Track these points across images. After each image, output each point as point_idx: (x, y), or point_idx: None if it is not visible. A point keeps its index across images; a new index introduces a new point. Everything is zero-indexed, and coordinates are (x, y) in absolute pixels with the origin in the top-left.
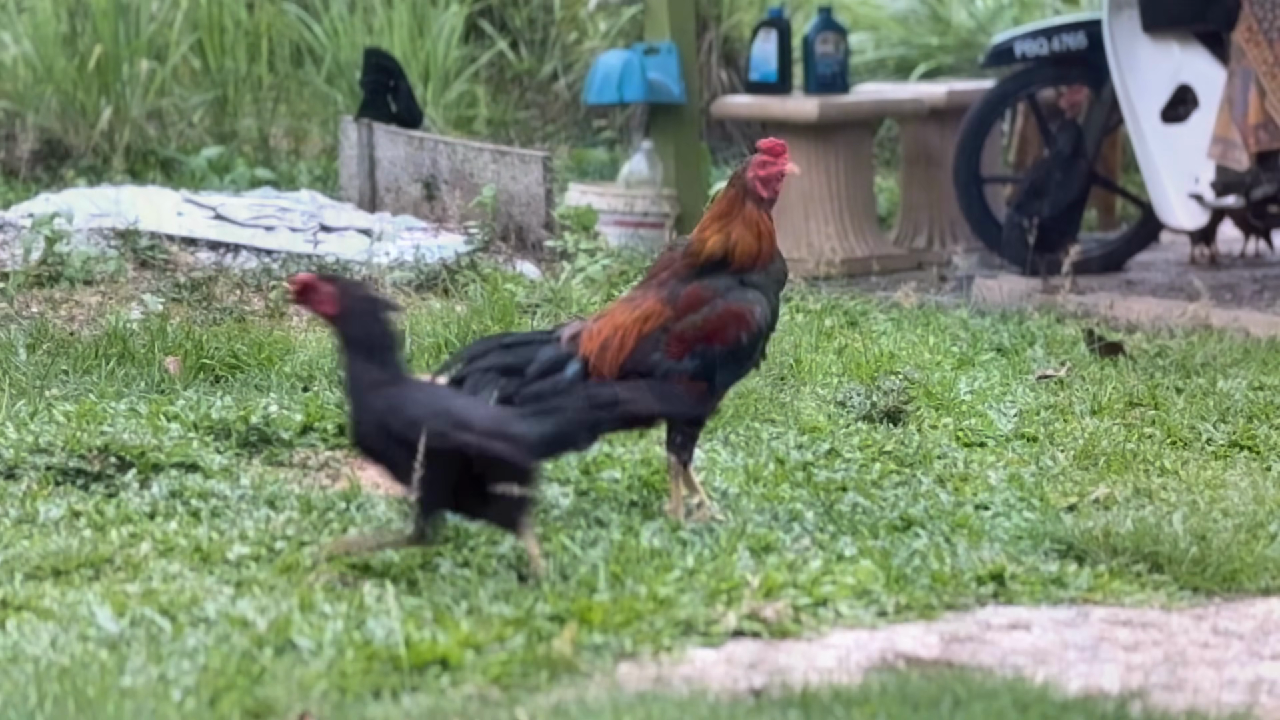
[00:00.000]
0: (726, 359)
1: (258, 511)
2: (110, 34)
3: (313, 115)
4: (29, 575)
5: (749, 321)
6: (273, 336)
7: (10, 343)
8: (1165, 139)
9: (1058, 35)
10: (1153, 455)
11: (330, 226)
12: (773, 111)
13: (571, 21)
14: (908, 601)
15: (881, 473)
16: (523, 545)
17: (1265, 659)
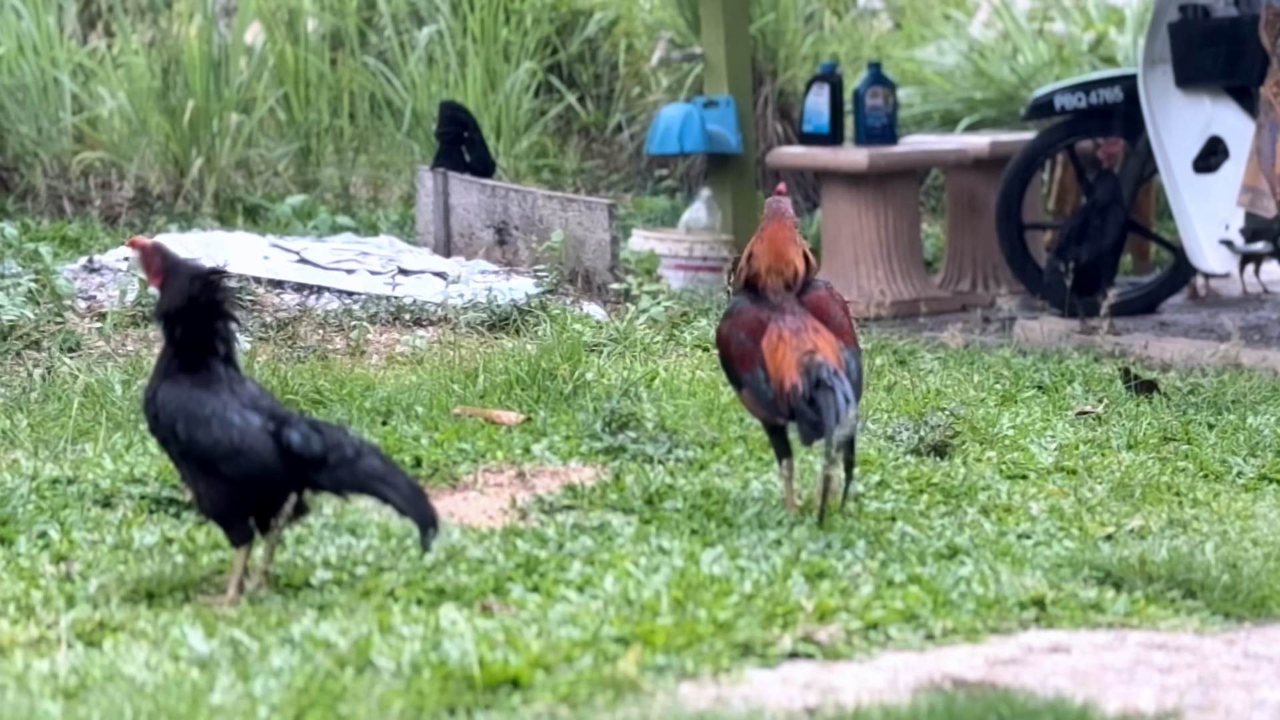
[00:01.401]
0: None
1: (339, 539)
2: (201, 89)
3: (391, 165)
4: (125, 598)
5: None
6: (353, 374)
7: (107, 379)
8: (1197, 188)
9: (1095, 90)
10: (1186, 488)
11: (408, 270)
12: (825, 161)
13: (635, 77)
14: (954, 625)
15: (929, 503)
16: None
17: None
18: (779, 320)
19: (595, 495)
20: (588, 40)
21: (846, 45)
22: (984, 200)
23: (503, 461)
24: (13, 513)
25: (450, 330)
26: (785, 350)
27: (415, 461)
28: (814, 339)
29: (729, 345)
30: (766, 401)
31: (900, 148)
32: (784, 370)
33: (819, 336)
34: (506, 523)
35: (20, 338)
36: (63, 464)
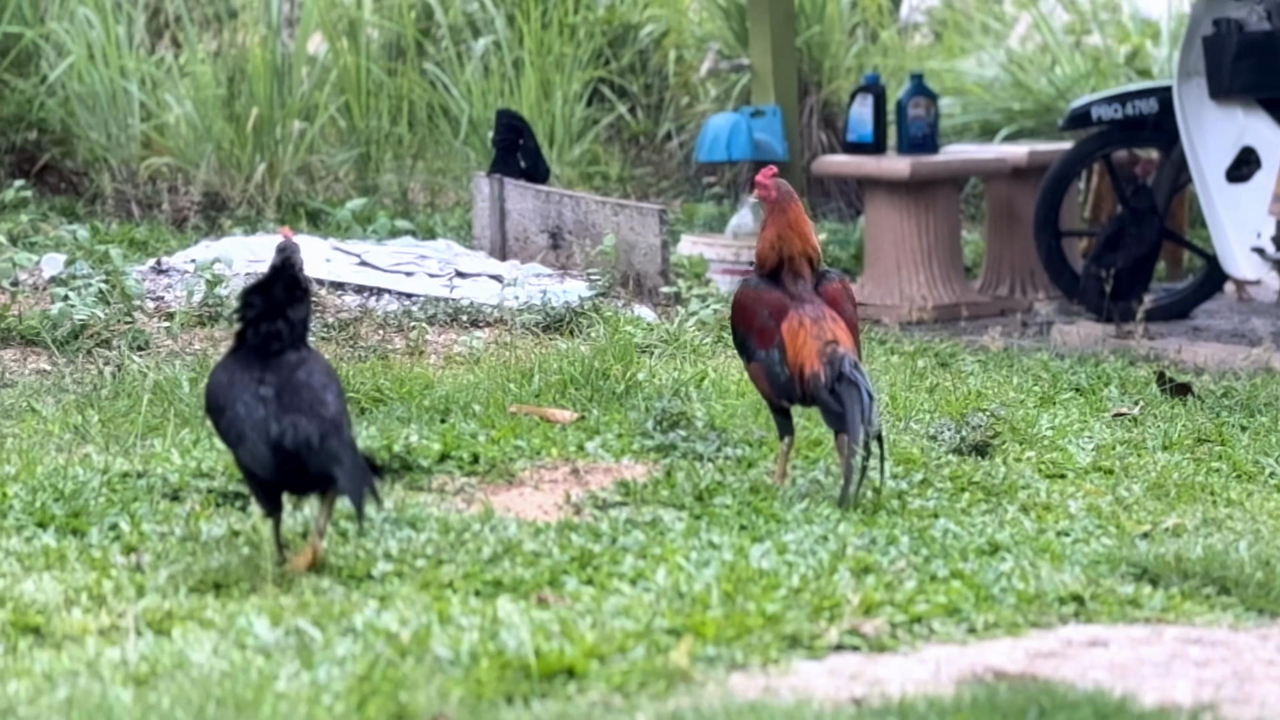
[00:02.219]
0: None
1: (400, 532)
2: (265, 97)
3: (448, 171)
4: (192, 589)
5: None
6: (413, 373)
7: (175, 377)
8: (1229, 197)
9: (1131, 101)
10: (1220, 487)
11: (465, 273)
12: (868, 170)
13: (684, 87)
14: (995, 619)
15: (970, 501)
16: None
17: None
18: (800, 307)
19: (647, 491)
20: (638, 52)
21: (889, 57)
22: (1022, 208)
23: (557, 458)
24: (85, 505)
25: (506, 331)
26: (806, 337)
27: (473, 458)
28: (834, 329)
29: (751, 318)
30: (779, 383)
31: (941, 157)
32: (804, 357)
33: (838, 327)
34: (561, 518)
35: (91, 336)
36: (132, 458)
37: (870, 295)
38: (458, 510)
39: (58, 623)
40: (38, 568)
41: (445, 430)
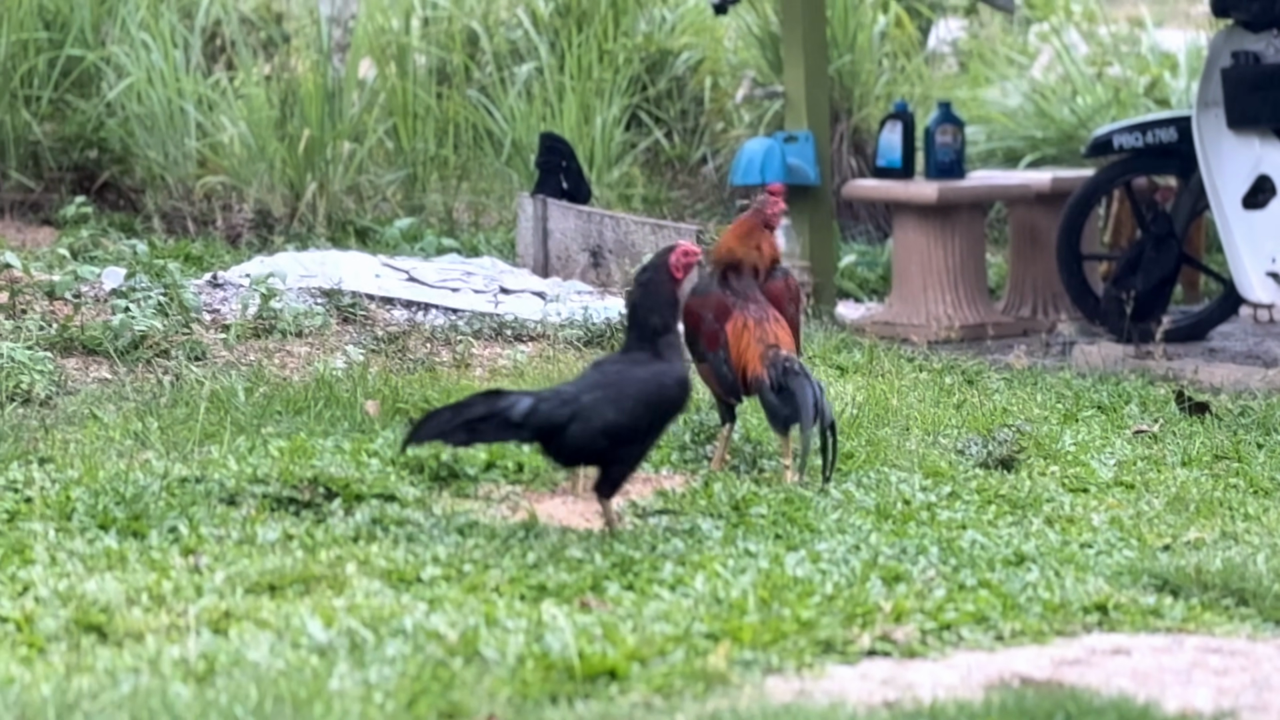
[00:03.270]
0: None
1: (448, 538)
2: (316, 119)
3: (491, 192)
4: (248, 590)
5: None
6: (459, 385)
7: (231, 386)
8: (1246, 223)
9: (1151, 130)
10: (1237, 503)
11: (509, 289)
12: (897, 194)
13: (719, 113)
14: (1022, 628)
15: (997, 513)
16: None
17: None
18: (744, 308)
19: (686, 501)
20: (675, 78)
21: (917, 86)
22: (1045, 232)
23: None
24: (145, 508)
25: (549, 345)
26: (749, 339)
27: (518, 467)
28: (775, 330)
29: (698, 324)
30: (726, 383)
31: (967, 182)
32: (746, 359)
33: (779, 327)
34: (603, 525)
35: (150, 347)
36: (191, 464)
37: (898, 315)
38: (503, 517)
39: (119, 621)
40: (100, 568)
41: None
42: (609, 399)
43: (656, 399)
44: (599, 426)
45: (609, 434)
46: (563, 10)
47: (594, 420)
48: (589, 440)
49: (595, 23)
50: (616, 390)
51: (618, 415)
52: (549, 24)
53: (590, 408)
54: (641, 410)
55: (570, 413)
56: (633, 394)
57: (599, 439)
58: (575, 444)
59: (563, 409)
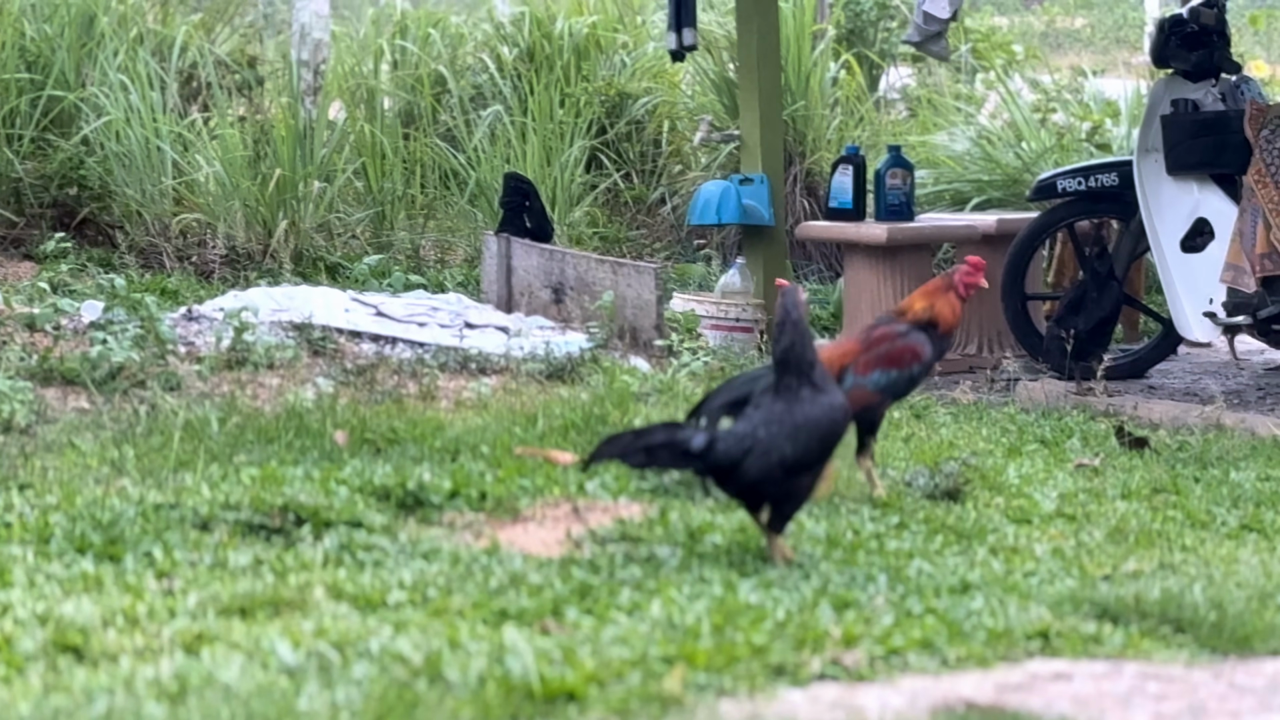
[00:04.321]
0: (899, 380)
1: (413, 563)
2: (288, 159)
3: (457, 230)
4: (220, 613)
5: (920, 354)
6: (425, 416)
7: (205, 416)
8: (1184, 265)
9: (1094, 174)
10: (1175, 534)
11: (473, 324)
12: (848, 235)
13: (677, 155)
14: (967, 654)
15: (943, 543)
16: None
17: (1275, 710)
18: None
19: (643, 529)
20: (635, 121)
21: (868, 131)
22: (991, 272)
23: (559, 497)
24: (121, 534)
25: (512, 379)
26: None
27: (481, 495)
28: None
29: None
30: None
31: (916, 224)
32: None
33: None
34: (563, 552)
35: (127, 378)
36: (165, 491)
37: None
38: (467, 544)
39: (95, 642)
40: (77, 591)
41: (455, 469)
42: (784, 433)
43: (828, 430)
44: (775, 460)
45: (785, 466)
46: (526, 56)
47: (771, 454)
48: (766, 473)
49: (557, 67)
50: (791, 424)
51: (794, 449)
52: (512, 68)
53: (767, 442)
54: (815, 443)
55: (747, 447)
56: (806, 426)
57: (775, 471)
58: (751, 477)
59: (739, 444)
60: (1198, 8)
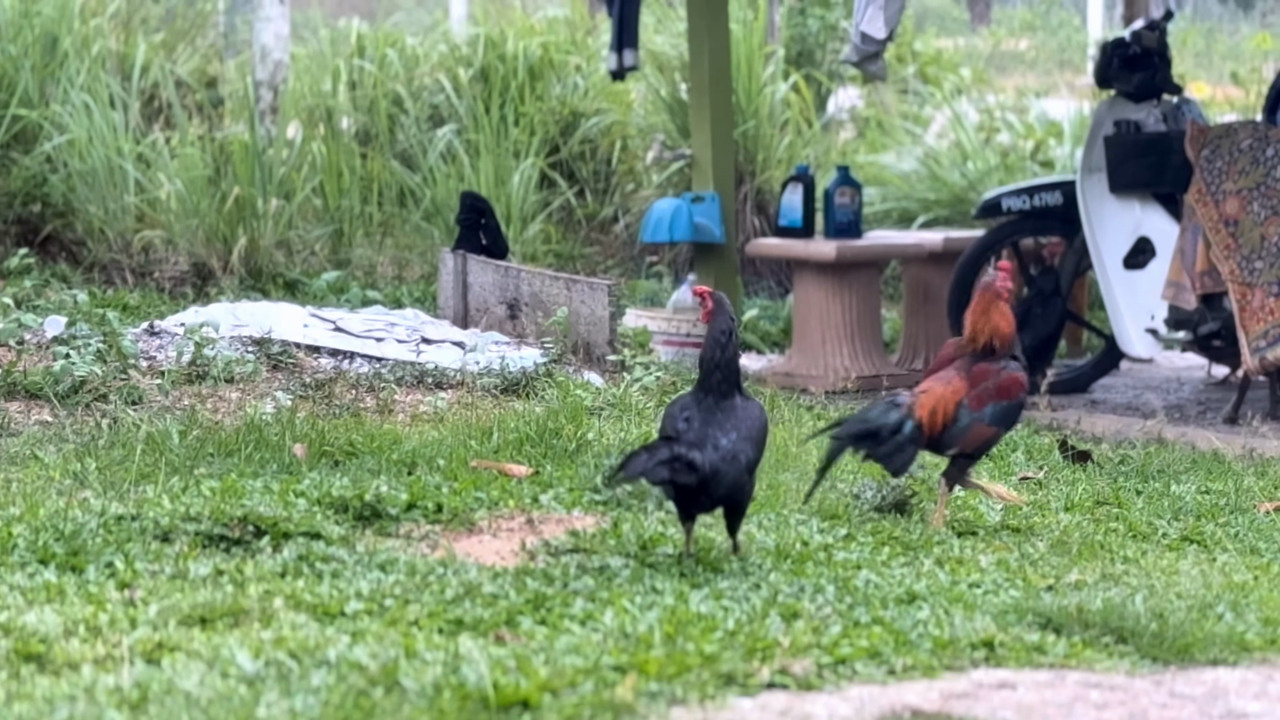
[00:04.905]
0: (1010, 409)
1: (370, 574)
2: (247, 178)
3: (414, 247)
4: (180, 622)
5: (1024, 382)
6: (382, 429)
7: (166, 430)
8: (1126, 282)
9: (1038, 193)
10: (1117, 546)
11: (430, 339)
12: (797, 252)
13: (630, 173)
14: (913, 663)
15: (890, 555)
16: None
17: (1214, 718)
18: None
19: (596, 541)
20: (588, 141)
21: (817, 150)
22: (937, 289)
23: (514, 509)
24: (83, 545)
25: (468, 393)
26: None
27: (437, 507)
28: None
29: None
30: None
31: (864, 241)
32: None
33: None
34: (517, 563)
35: (90, 391)
36: (127, 503)
37: (798, 366)
38: (423, 555)
39: (57, 651)
40: (39, 601)
41: (412, 482)
42: (744, 438)
43: (764, 433)
44: (744, 464)
45: (750, 470)
46: (480, 76)
47: (740, 459)
48: (736, 478)
49: (511, 88)
50: (747, 430)
51: (754, 451)
52: (468, 89)
53: (732, 449)
54: (762, 446)
55: (720, 456)
56: (755, 432)
57: (743, 476)
58: (728, 483)
59: (714, 453)
60: (1140, 31)
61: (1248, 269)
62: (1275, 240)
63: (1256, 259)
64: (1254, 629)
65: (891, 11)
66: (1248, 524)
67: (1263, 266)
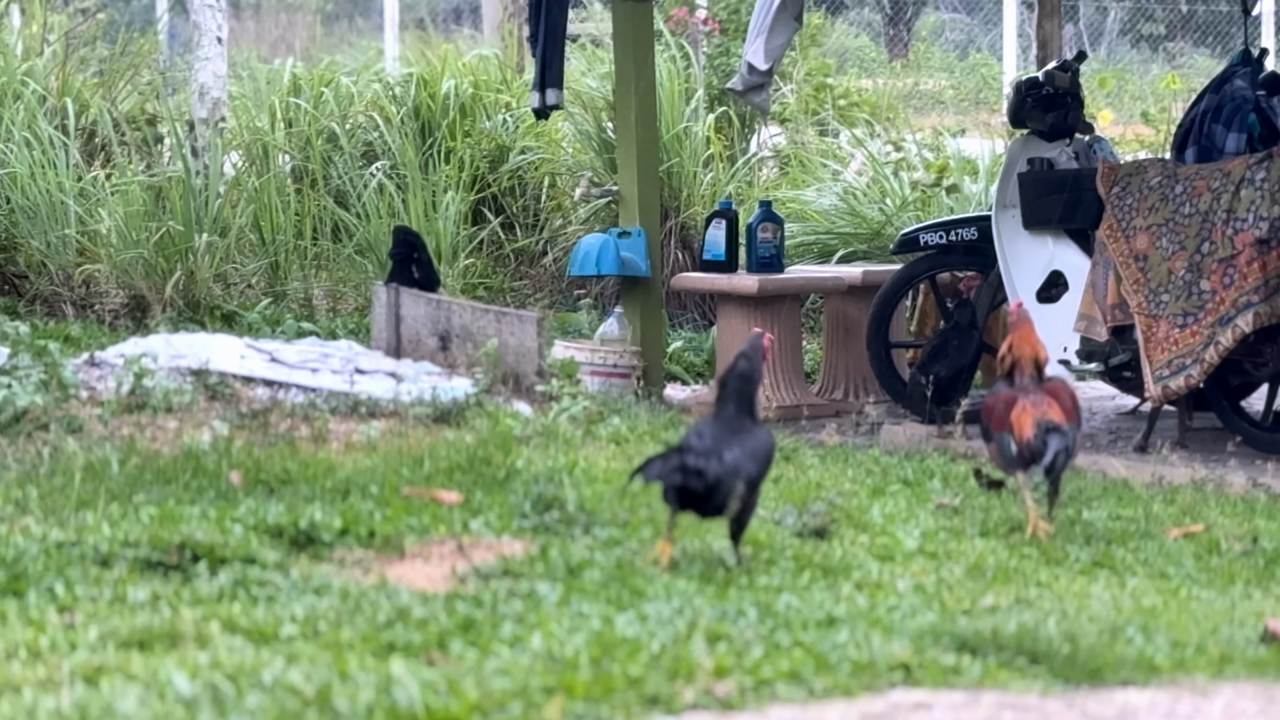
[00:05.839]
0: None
1: (304, 598)
2: (184, 213)
3: (348, 280)
4: (119, 645)
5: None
6: (317, 458)
7: (106, 458)
8: (1040, 315)
9: (954, 228)
10: (1030, 571)
11: (364, 370)
12: (721, 286)
13: (558, 209)
14: (833, 684)
15: (811, 579)
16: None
17: None
18: (1025, 397)
19: (524, 566)
20: (518, 177)
21: (740, 186)
22: (856, 321)
23: (445, 535)
24: (24, 570)
25: (400, 422)
26: (1027, 417)
27: (370, 533)
28: (1049, 408)
29: (991, 412)
30: (1009, 457)
31: (786, 275)
32: (1024, 429)
33: (1052, 407)
34: (448, 588)
35: (31, 421)
36: (67, 529)
37: None
38: (356, 580)
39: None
40: None
41: (345, 509)
42: (747, 455)
43: (769, 454)
44: (744, 477)
45: (750, 484)
46: (412, 114)
47: (741, 473)
48: (738, 489)
49: (442, 125)
50: (751, 449)
51: (756, 468)
52: (400, 126)
53: (735, 463)
54: (766, 464)
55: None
56: (760, 452)
57: (744, 489)
58: (728, 493)
59: (719, 465)
60: (1053, 71)
61: (1154, 302)
62: (1182, 274)
63: (1163, 292)
64: (1163, 651)
65: (774, 45)
66: (1157, 550)
67: (1169, 299)
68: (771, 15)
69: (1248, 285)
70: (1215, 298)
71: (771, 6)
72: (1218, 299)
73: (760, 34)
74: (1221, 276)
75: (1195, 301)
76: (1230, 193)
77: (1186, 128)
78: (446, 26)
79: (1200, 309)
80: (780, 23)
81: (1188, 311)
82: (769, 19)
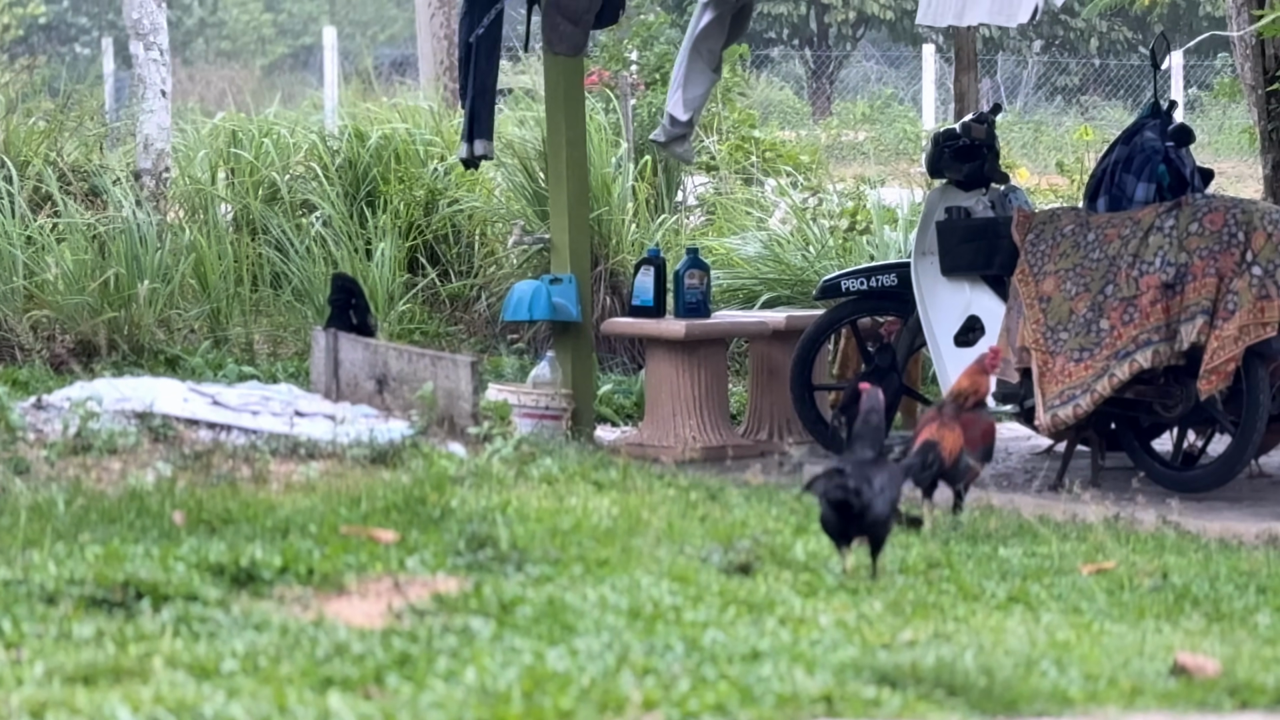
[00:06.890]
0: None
1: (245, 634)
2: (128, 260)
3: (287, 325)
4: (65, 680)
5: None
6: (257, 497)
7: (52, 498)
8: (957, 358)
9: (875, 275)
10: (948, 606)
11: (303, 412)
12: (649, 330)
13: (491, 256)
14: (757, 716)
15: (736, 614)
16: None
17: None
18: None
19: (459, 602)
20: (452, 225)
21: (668, 234)
22: (780, 365)
23: (381, 573)
24: None
25: (338, 463)
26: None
27: (308, 571)
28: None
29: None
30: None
31: (712, 320)
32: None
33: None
34: (384, 624)
35: None
36: (14, 568)
37: (650, 437)
38: (295, 616)
39: None
40: None
41: (285, 547)
42: (889, 482)
43: (902, 483)
44: (888, 500)
45: (892, 506)
46: (348, 164)
47: (886, 495)
48: (883, 510)
49: (374, 175)
50: (890, 477)
51: (895, 494)
52: (337, 175)
53: (882, 488)
54: (899, 492)
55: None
56: (897, 480)
57: (889, 510)
58: (877, 512)
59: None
60: (969, 123)
61: (1052, 339)
62: (1083, 314)
63: (1062, 330)
64: (1076, 684)
65: (692, 96)
66: (1070, 585)
67: (1067, 336)
68: (686, 67)
69: (1149, 324)
70: (1113, 333)
71: (685, 59)
72: (1115, 334)
73: (679, 86)
74: (1122, 314)
75: (1093, 338)
76: (1139, 239)
77: (1099, 177)
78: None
79: (1097, 344)
80: (696, 73)
81: (1084, 347)
82: (684, 70)
